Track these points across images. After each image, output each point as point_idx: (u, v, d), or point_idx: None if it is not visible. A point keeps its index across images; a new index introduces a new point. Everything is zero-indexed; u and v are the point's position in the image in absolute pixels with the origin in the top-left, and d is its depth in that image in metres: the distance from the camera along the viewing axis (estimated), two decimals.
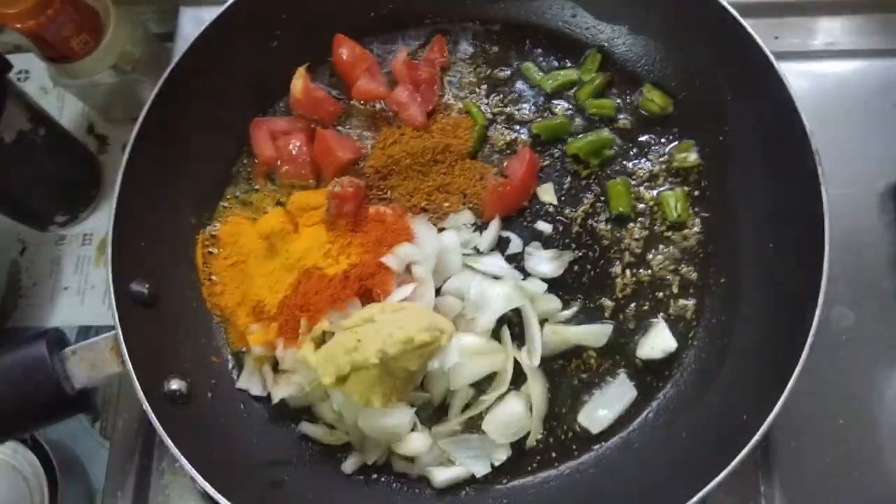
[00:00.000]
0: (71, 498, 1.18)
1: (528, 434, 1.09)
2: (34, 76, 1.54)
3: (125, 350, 0.98)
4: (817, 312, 0.95)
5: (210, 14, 1.15)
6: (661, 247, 1.17)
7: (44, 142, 1.25)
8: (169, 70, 1.13)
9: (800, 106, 1.02)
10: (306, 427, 1.11)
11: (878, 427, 1.16)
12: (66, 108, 1.51)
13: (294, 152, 1.20)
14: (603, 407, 1.10)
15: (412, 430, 1.07)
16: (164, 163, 1.15)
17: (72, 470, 1.21)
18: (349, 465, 1.09)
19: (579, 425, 1.10)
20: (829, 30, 1.39)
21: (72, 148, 1.39)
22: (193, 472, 0.94)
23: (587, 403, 1.11)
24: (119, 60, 1.29)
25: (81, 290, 1.38)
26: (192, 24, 1.42)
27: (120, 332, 0.99)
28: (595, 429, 1.09)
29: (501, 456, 1.08)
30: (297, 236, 1.15)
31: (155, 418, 0.96)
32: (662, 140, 1.22)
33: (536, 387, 1.09)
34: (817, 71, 1.36)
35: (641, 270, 1.16)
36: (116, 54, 1.28)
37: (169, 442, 0.95)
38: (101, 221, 1.42)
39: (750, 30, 1.07)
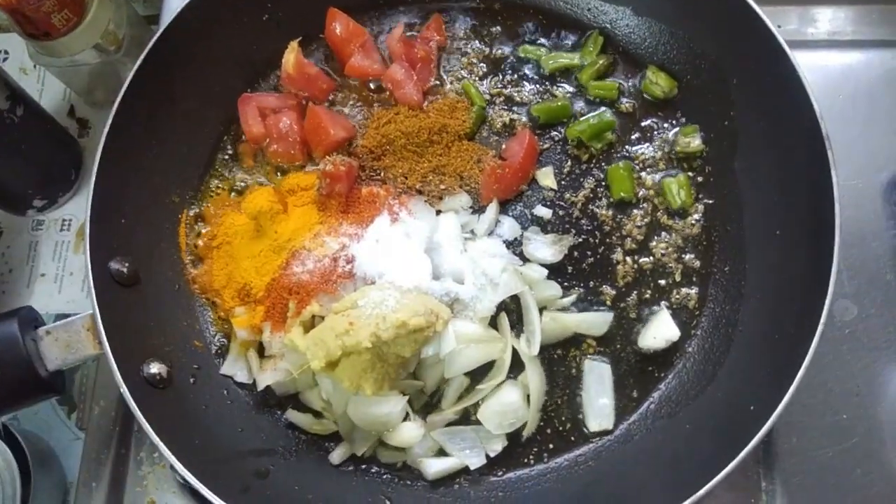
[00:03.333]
0: (44, 490, 1.13)
1: (525, 425, 1.05)
2: (14, 56, 1.49)
3: (102, 330, 0.94)
4: (827, 301, 0.92)
5: None
6: (663, 233, 1.14)
7: (22, 122, 1.20)
8: (152, 43, 1.09)
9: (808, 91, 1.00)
10: (293, 415, 1.07)
11: (880, 422, 1.14)
12: (46, 90, 1.46)
13: (284, 130, 1.16)
14: (598, 397, 1.07)
15: (404, 419, 1.03)
16: (146, 138, 1.11)
17: (45, 462, 1.16)
18: (337, 456, 1.06)
19: (589, 430, 1.07)
20: (832, 19, 1.37)
21: (51, 130, 1.34)
22: (173, 460, 0.91)
23: (585, 406, 1.07)
24: (102, 40, 1.24)
25: (59, 277, 1.33)
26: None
27: (97, 312, 0.95)
28: (608, 424, 1.06)
29: (497, 447, 1.04)
30: (286, 217, 1.11)
31: (133, 403, 0.92)
32: (666, 124, 1.19)
33: (534, 376, 1.05)
34: (820, 61, 1.34)
35: (643, 257, 1.13)
36: (99, 33, 1.23)
37: (147, 427, 0.91)
38: (80, 206, 1.37)
39: (759, 12, 1.04)
